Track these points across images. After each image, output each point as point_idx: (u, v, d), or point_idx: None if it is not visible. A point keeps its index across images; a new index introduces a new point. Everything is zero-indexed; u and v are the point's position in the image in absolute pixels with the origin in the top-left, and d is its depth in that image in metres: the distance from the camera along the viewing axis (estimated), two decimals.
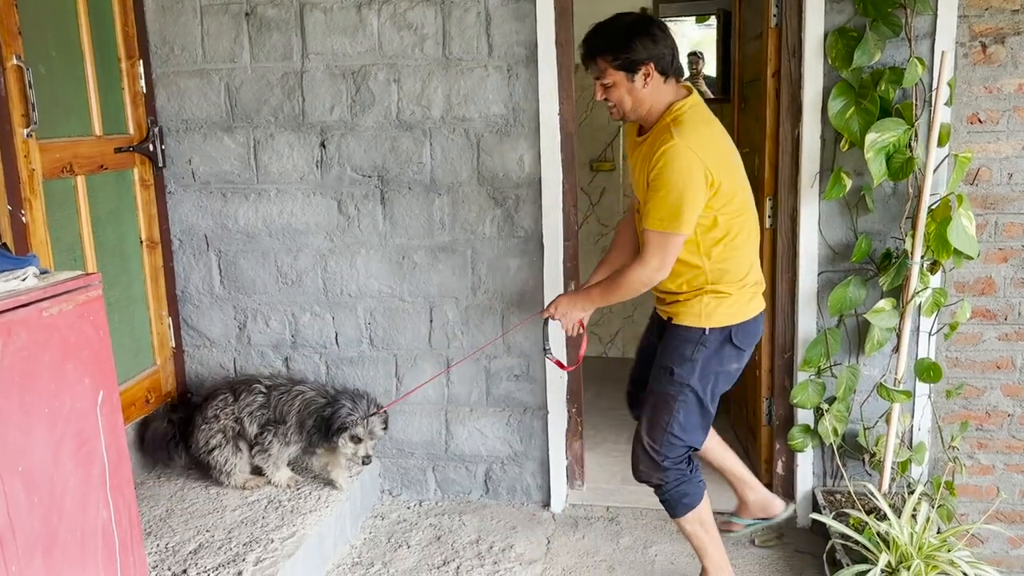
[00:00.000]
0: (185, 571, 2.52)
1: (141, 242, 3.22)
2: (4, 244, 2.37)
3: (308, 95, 3.12)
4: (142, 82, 3.16)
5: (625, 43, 2.22)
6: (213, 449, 3.01)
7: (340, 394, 3.01)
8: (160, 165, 3.25)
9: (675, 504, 2.47)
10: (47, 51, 2.71)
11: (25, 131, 2.56)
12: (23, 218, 2.54)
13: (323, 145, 3.16)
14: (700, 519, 2.49)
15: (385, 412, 3.03)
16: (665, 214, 2.21)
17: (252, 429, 3.02)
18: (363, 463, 2.95)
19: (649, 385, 2.48)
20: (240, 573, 2.50)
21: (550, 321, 2.57)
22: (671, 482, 2.44)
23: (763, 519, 2.85)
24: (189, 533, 2.74)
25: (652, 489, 2.50)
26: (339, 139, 3.14)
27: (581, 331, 2.57)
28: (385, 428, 3.04)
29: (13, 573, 1.46)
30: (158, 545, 2.67)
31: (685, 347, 2.39)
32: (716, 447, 2.76)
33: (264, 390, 3.05)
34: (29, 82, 2.55)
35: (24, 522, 1.49)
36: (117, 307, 3.05)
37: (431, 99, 3.04)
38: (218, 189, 3.27)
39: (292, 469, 3.16)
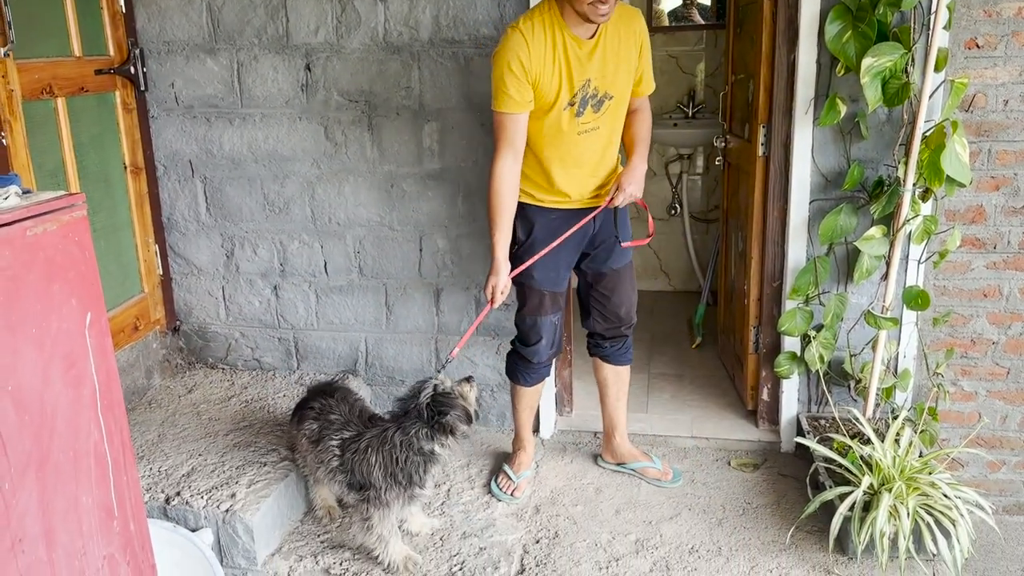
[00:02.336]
0: (179, 493, 2.55)
1: (125, 168, 3.17)
2: None
3: (292, 15, 3.04)
4: (121, 1, 3.06)
5: None
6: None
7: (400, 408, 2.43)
8: (142, 88, 3.18)
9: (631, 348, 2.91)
10: None
11: (2, 50, 2.49)
12: (3, 140, 2.49)
13: (308, 68, 3.09)
14: None
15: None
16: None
17: (337, 490, 2.56)
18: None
19: (614, 263, 2.70)
20: (233, 495, 2.53)
21: (617, 210, 2.62)
22: None
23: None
24: (182, 457, 2.77)
25: (619, 347, 2.86)
26: (324, 62, 3.07)
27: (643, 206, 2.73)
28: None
29: (6, 490, 1.47)
30: (151, 469, 2.69)
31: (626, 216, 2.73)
32: None
33: (338, 451, 2.45)
34: None
35: (15, 440, 1.49)
36: (103, 233, 3.02)
37: (419, 20, 2.96)
38: (202, 113, 3.21)
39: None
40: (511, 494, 2.88)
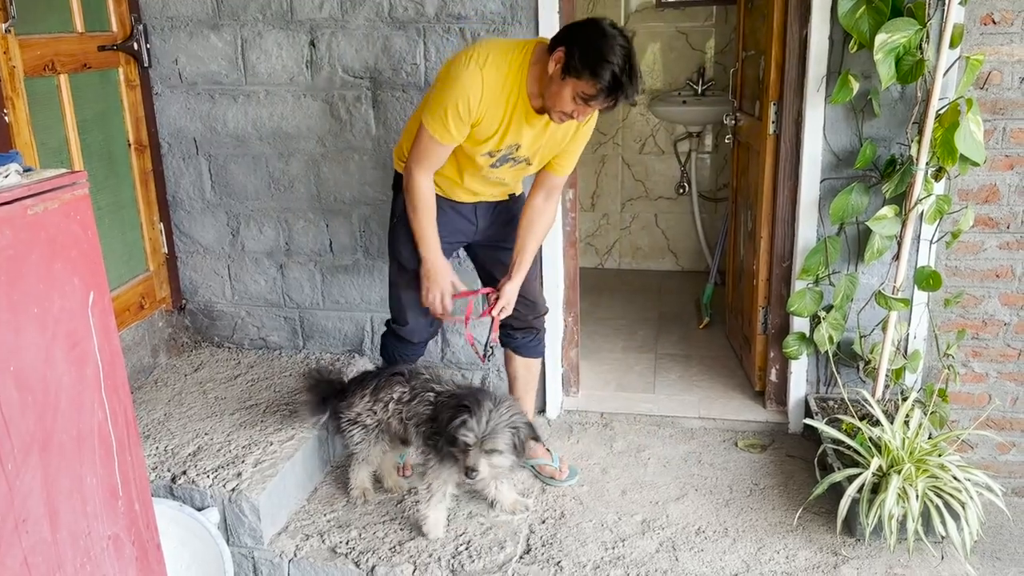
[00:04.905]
0: (184, 472, 2.55)
1: (129, 145, 3.15)
2: None
3: None
4: None
5: None
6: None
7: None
8: (145, 65, 3.14)
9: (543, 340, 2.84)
10: None
11: (3, 26, 2.46)
12: (5, 118, 2.46)
13: (313, 44, 3.05)
14: None
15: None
16: None
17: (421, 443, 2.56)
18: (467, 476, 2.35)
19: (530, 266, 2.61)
20: (239, 474, 2.53)
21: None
22: None
23: None
24: (188, 436, 2.76)
25: (530, 338, 2.77)
26: (329, 38, 3.03)
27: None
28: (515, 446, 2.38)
29: (10, 470, 1.46)
30: (157, 448, 2.69)
31: None
32: None
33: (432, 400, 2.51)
34: None
35: (18, 420, 1.48)
36: (107, 212, 3.00)
37: None
38: (206, 90, 3.18)
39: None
40: None
